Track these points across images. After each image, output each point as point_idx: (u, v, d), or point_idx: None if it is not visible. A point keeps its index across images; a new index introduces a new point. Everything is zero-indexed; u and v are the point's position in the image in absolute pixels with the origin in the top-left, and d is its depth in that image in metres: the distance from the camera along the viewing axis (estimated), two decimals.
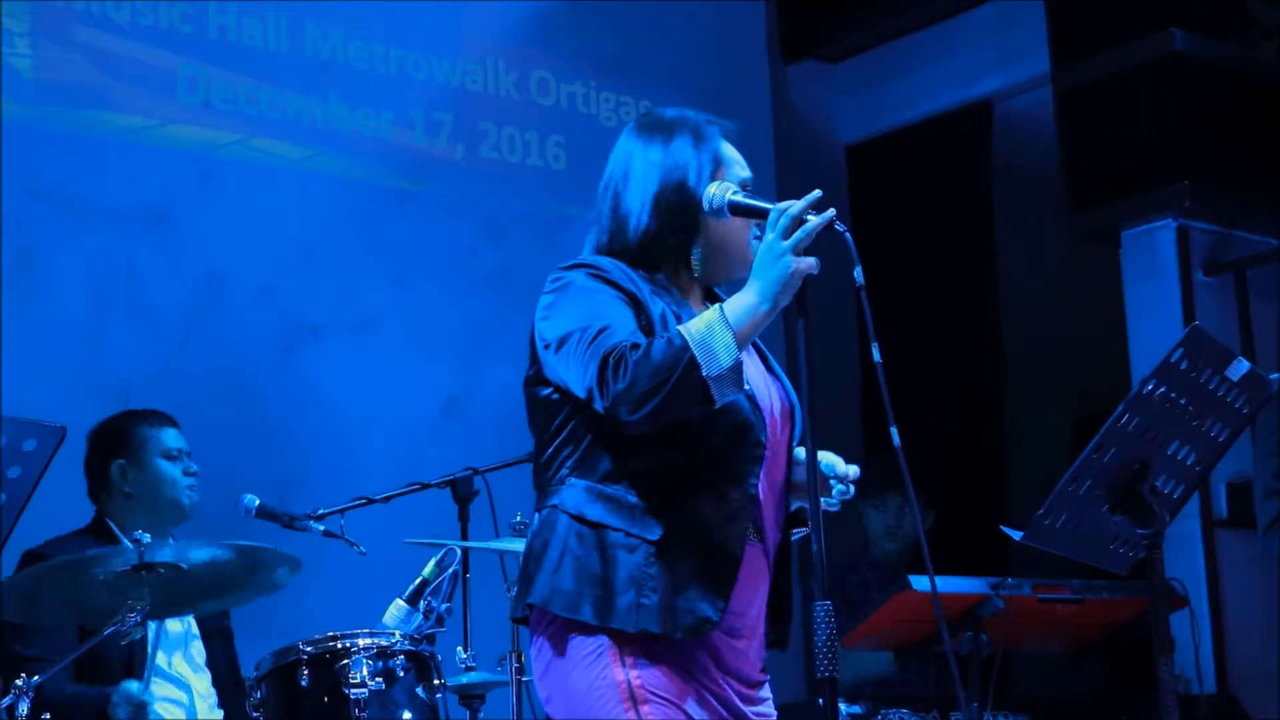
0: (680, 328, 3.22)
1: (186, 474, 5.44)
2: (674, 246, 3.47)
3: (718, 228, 3.48)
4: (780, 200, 3.34)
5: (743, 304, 3.24)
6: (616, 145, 3.56)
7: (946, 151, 8.86)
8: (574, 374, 3.28)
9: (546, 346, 3.36)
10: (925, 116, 8.95)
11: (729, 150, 3.55)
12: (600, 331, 3.26)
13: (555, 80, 7.77)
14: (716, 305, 3.25)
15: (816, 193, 3.26)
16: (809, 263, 3.23)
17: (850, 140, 9.20)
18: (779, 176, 7.96)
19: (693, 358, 3.17)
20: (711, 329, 3.19)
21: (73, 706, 4.93)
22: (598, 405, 3.24)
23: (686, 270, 3.50)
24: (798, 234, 3.23)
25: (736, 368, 3.20)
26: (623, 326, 3.28)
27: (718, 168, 3.49)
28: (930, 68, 8.87)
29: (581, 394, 3.26)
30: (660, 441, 3.26)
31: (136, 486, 5.41)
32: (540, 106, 7.71)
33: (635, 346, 3.21)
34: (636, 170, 3.49)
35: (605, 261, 3.42)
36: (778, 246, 3.23)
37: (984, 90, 8.79)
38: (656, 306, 3.37)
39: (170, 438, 5.46)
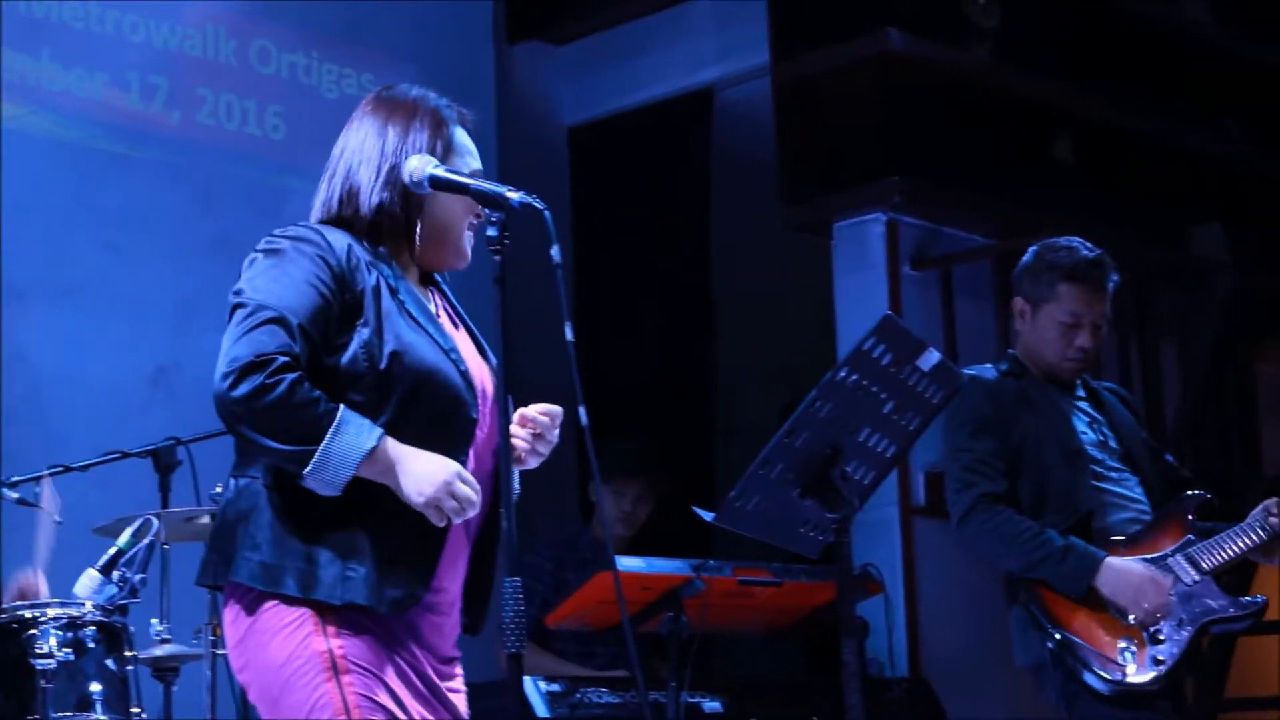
0: (338, 418, 3.18)
1: None
2: (398, 226, 3.46)
3: (440, 211, 3.48)
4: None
5: (385, 462, 3.21)
6: (354, 115, 3.55)
7: (667, 138, 8.94)
8: (225, 348, 3.24)
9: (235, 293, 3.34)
10: (647, 102, 9.02)
11: (463, 139, 3.56)
12: (266, 321, 3.23)
13: (277, 49, 7.67)
14: (383, 441, 3.21)
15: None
16: (451, 506, 3.23)
17: (572, 123, 9.22)
18: (501, 156, 7.96)
19: (310, 452, 3.17)
20: (346, 453, 3.18)
21: None
22: (220, 390, 3.19)
23: (409, 249, 3.50)
24: (444, 503, 3.22)
25: (336, 485, 3.20)
26: (290, 328, 3.23)
27: (449, 155, 3.49)
28: (654, 54, 8.93)
29: (220, 368, 3.21)
30: (370, 415, 3.24)
31: None
32: (260, 75, 7.60)
33: (299, 382, 3.18)
34: (370, 145, 3.47)
35: (330, 232, 3.40)
36: (432, 487, 3.21)
37: (706, 79, 8.88)
38: (372, 276, 3.36)
39: None
